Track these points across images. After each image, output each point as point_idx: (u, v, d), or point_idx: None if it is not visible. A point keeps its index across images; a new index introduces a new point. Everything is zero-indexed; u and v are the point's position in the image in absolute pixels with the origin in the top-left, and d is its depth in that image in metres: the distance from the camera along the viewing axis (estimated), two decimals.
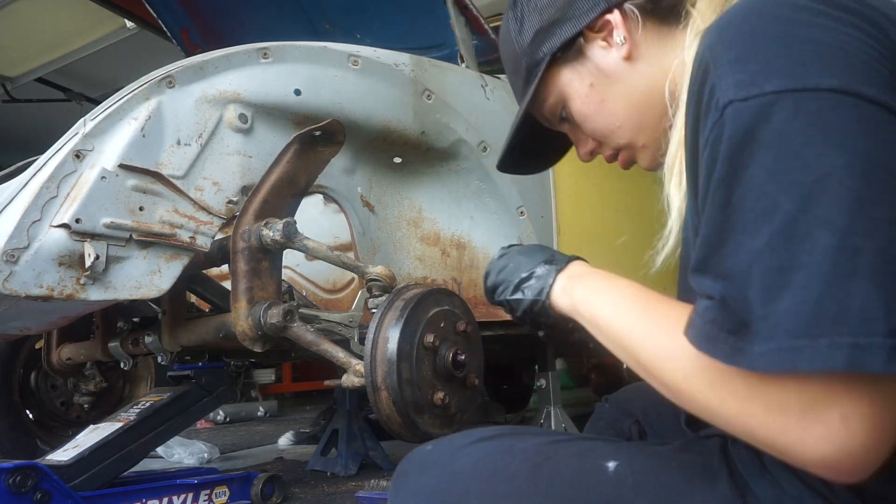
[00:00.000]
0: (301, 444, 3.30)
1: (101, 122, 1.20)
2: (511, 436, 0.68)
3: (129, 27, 3.76)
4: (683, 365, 0.52)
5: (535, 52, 0.82)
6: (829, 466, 0.45)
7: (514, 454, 0.64)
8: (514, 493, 0.61)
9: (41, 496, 1.43)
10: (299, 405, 5.93)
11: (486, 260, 1.90)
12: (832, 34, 0.48)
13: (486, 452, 0.66)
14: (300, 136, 1.36)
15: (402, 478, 0.69)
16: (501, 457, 0.64)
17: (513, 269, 0.80)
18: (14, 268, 1.07)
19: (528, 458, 0.63)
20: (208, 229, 1.29)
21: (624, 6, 0.76)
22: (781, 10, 0.51)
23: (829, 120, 0.45)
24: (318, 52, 1.47)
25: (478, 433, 0.69)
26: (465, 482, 0.63)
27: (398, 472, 0.70)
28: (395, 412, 1.10)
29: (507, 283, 0.80)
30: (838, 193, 0.43)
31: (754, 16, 0.52)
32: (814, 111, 0.46)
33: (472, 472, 0.64)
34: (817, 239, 0.43)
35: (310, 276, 2.11)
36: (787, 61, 0.48)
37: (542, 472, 0.61)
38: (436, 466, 0.67)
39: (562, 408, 2.32)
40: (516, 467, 0.63)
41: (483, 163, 1.81)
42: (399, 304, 1.17)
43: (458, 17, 1.94)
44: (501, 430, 0.71)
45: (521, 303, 0.78)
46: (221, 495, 1.82)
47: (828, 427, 0.44)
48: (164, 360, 1.69)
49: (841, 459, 0.44)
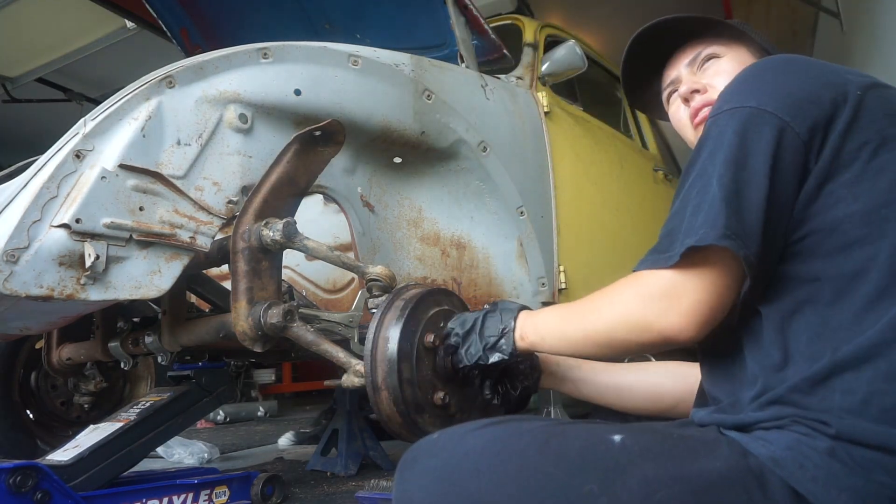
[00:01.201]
0: (301, 444, 3.30)
1: (102, 122, 1.20)
2: (519, 420, 0.71)
3: (129, 27, 3.76)
4: (619, 299, 0.79)
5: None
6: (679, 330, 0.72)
7: (522, 434, 0.66)
8: (524, 467, 0.62)
9: (41, 496, 1.43)
10: (299, 405, 5.93)
11: (486, 260, 1.90)
12: (783, 78, 0.78)
13: (494, 434, 0.67)
14: (300, 136, 1.36)
15: (409, 463, 0.70)
16: (510, 436, 0.66)
17: (476, 340, 0.99)
18: (14, 268, 1.07)
19: (536, 436, 0.65)
20: (208, 229, 1.29)
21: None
22: (761, 64, 0.83)
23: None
24: (318, 52, 1.47)
25: (485, 420, 0.71)
26: (475, 461, 0.64)
27: (405, 459, 0.71)
28: (395, 412, 1.10)
29: (477, 352, 0.98)
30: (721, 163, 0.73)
31: (743, 73, 0.83)
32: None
33: (481, 451, 0.65)
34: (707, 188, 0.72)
35: (310, 276, 2.11)
36: (732, 97, 0.79)
37: (551, 447, 0.64)
38: (444, 450, 0.68)
39: (562, 407, 2.32)
40: (525, 444, 0.64)
41: (483, 163, 1.81)
42: (399, 304, 1.17)
43: (458, 17, 1.94)
44: (509, 416, 0.75)
45: (500, 363, 0.96)
46: (221, 495, 1.82)
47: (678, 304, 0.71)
48: (164, 360, 1.69)
49: (685, 326, 0.71)
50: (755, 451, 0.63)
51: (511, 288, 1.93)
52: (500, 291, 1.92)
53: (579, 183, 2.33)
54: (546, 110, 2.24)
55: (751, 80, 0.80)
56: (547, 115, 2.24)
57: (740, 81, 0.80)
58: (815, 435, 0.61)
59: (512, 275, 1.93)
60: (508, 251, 1.92)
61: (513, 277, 1.93)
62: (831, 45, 6.17)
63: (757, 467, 0.61)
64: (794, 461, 0.61)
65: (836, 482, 0.59)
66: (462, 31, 1.96)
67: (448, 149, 1.76)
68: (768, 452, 0.62)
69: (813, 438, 0.61)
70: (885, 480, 0.58)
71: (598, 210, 2.44)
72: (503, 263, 1.92)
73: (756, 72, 0.81)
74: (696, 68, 1.01)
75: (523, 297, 1.95)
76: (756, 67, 0.82)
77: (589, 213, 2.36)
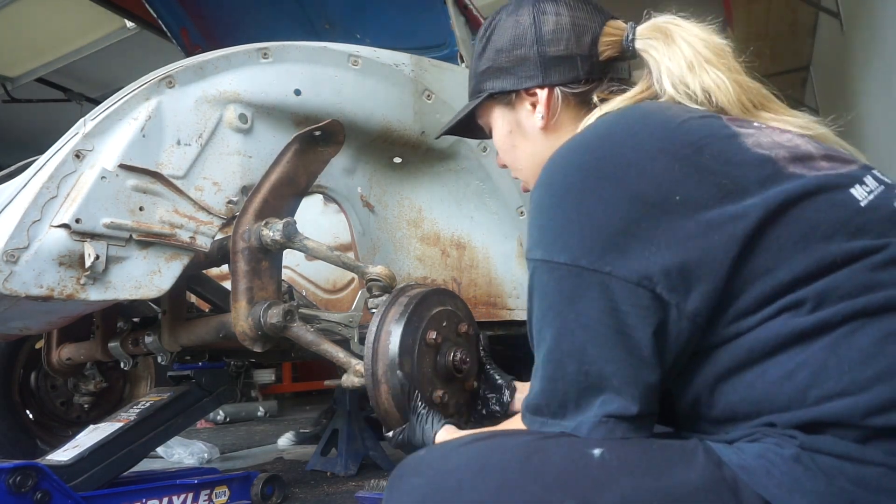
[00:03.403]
0: (301, 444, 3.30)
1: (102, 122, 1.20)
2: (503, 436, 0.72)
3: (129, 27, 3.77)
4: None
5: (481, 82, 0.98)
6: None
7: (504, 450, 0.67)
8: (504, 484, 0.63)
9: (41, 496, 1.43)
10: (299, 405, 5.93)
11: (486, 260, 1.90)
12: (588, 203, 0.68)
13: (477, 450, 0.69)
14: (300, 136, 1.36)
15: (396, 481, 0.72)
16: (492, 452, 0.68)
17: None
18: (14, 268, 1.07)
19: (517, 452, 0.66)
20: (208, 229, 1.29)
21: (555, 88, 0.91)
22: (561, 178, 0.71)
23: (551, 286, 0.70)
24: (318, 52, 1.47)
25: (470, 436, 0.73)
26: (458, 477, 0.66)
27: (393, 476, 0.73)
28: (394, 407, 1.10)
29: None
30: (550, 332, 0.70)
31: (543, 184, 0.72)
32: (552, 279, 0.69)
33: (464, 468, 0.66)
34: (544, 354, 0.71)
35: (310, 276, 2.11)
36: (544, 235, 0.70)
37: (532, 463, 0.65)
38: (429, 468, 0.70)
39: None
40: (507, 460, 0.66)
41: (483, 163, 1.81)
42: (403, 300, 1.17)
43: (458, 17, 1.94)
44: (494, 431, 0.77)
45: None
46: (221, 495, 1.82)
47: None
48: (164, 360, 1.69)
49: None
50: (727, 460, 0.63)
51: (511, 288, 1.93)
52: (499, 291, 1.92)
53: None
54: None
55: (551, 213, 0.70)
56: None
57: (539, 211, 0.71)
58: (783, 442, 0.62)
59: (512, 275, 1.93)
60: (508, 251, 1.92)
61: (512, 277, 1.94)
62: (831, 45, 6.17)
63: (731, 477, 0.62)
64: (762, 468, 0.61)
65: (798, 486, 0.59)
66: (462, 31, 1.96)
67: (448, 149, 1.76)
68: (739, 461, 0.63)
69: (781, 445, 0.62)
70: (847, 487, 0.58)
71: None
72: (503, 263, 1.92)
73: (555, 195, 0.70)
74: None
75: (523, 296, 1.95)
76: (553, 185, 0.71)
77: None
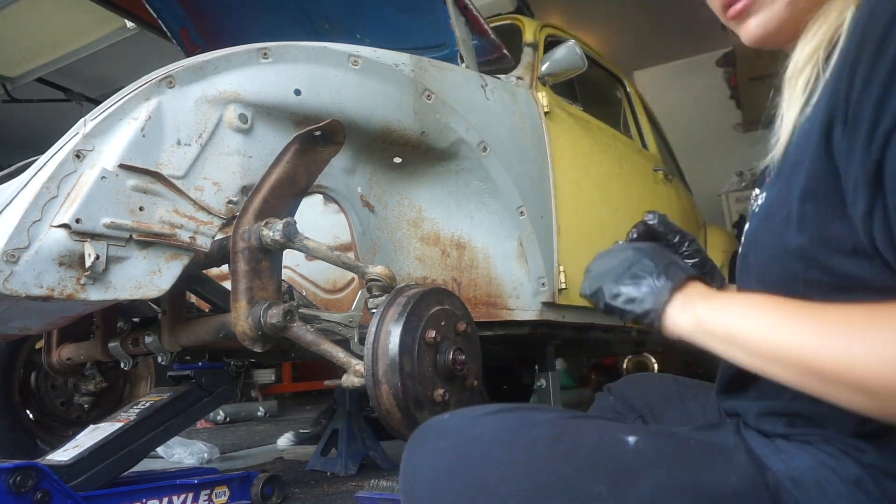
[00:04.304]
0: (301, 444, 3.30)
1: (102, 123, 1.20)
2: (530, 409, 0.68)
3: (129, 27, 3.76)
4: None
5: None
6: None
7: (533, 424, 0.64)
8: (533, 460, 0.60)
9: (41, 496, 1.43)
10: (299, 405, 5.93)
11: (486, 260, 1.90)
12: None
13: (505, 421, 0.65)
14: (300, 136, 1.36)
15: (418, 442, 0.68)
16: (521, 426, 0.64)
17: (620, 272, 0.73)
18: (14, 268, 1.07)
19: (547, 428, 0.63)
20: (208, 229, 1.29)
21: None
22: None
23: None
24: (318, 52, 1.47)
25: (496, 405, 0.69)
26: (484, 447, 0.62)
27: (414, 438, 0.69)
28: (395, 406, 1.10)
29: (609, 288, 0.73)
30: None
31: None
32: None
33: (491, 438, 0.63)
34: None
35: (310, 276, 2.11)
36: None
37: (563, 441, 0.61)
38: (454, 432, 0.66)
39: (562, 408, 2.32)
40: (536, 435, 0.62)
41: (483, 163, 1.81)
42: (401, 301, 1.18)
43: (458, 17, 1.94)
44: (520, 404, 0.72)
45: (627, 314, 0.71)
46: (221, 495, 1.82)
47: None
48: (164, 360, 1.69)
49: None
50: (774, 467, 0.59)
51: (511, 288, 1.93)
52: (500, 291, 1.92)
53: (579, 183, 2.33)
54: (546, 110, 2.24)
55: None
56: (547, 115, 2.24)
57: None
58: (843, 459, 0.56)
59: (512, 275, 1.93)
60: (508, 251, 1.92)
61: (513, 277, 1.94)
62: None
63: (774, 485, 0.58)
64: (815, 486, 0.56)
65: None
66: (462, 31, 1.96)
67: (448, 149, 1.76)
68: (788, 471, 0.58)
69: (840, 462, 0.56)
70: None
71: (598, 210, 2.44)
72: (503, 263, 1.92)
73: None
74: None
75: (523, 296, 1.95)
76: None
77: (589, 213, 2.36)
